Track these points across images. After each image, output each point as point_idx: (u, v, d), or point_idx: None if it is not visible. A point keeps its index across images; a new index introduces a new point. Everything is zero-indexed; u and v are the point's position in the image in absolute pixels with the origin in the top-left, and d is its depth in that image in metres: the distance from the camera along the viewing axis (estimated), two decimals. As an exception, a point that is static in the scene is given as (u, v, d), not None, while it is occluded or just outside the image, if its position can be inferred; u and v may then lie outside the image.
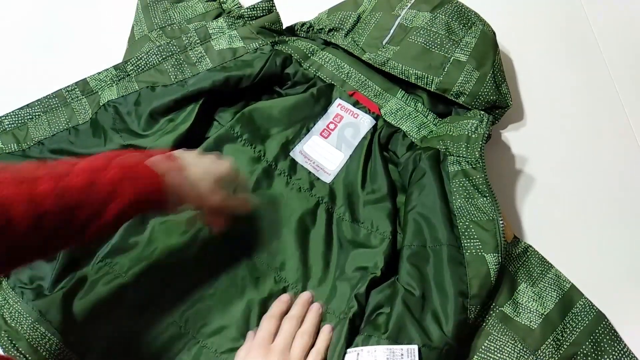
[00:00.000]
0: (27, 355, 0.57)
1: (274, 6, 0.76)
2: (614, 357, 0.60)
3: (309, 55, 0.75)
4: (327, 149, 0.70)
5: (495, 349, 0.59)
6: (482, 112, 0.68)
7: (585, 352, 0.60)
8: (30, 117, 0.68)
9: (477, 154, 0.63)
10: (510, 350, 0.59)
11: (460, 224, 0.61)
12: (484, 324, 0.60)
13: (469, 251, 0.59)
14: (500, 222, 0.60)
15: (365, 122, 0.71)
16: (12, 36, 0.83)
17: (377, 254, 0.63)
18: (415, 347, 0.53)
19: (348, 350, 0.56)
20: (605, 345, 0.61)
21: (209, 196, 0.56)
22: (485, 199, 0.61)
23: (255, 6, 0.75)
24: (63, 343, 0.57)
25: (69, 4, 0.86)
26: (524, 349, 0.59)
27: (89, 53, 0.82)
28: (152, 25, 0.79)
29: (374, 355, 0.54)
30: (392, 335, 0.55)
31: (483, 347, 0.59)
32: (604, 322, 0.62)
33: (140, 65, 0.71)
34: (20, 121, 0.67)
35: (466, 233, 0.60)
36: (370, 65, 0.75)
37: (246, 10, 0.75)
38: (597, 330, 0.61)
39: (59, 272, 0.61)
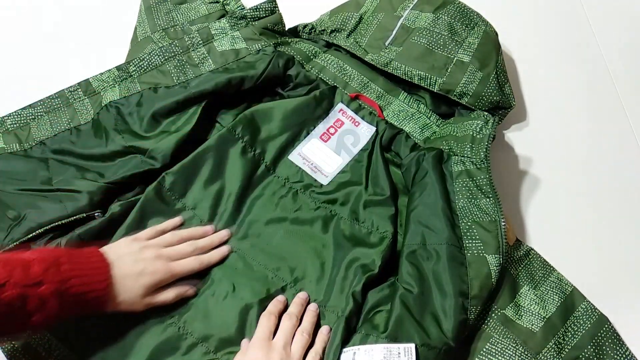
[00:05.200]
0: (27, 355, 0.57)
1: (277, 7, 0.76)
2: (617, 360, 0.60)
3: (311, 57, 0.75)
4: (326, 152, 0.70)
5: (497, 352, 0.58)
6: (486, 113, 0.67)
7: (587, 355, 0.59)
8: (33, 117, 0.68)
9: (483, 155, 0.63)
10: (511, 353, 0.58)
11: (463, 224, 0.60)
12: (485, 327, 0.60)
13: (470, 252, 0.59)
14: (503, 223, 0.59)
15: (365, 132, 0.71)
16: (14, 36, 0.84)
17: (375, 252, 0.63)
18: (412, 346, 0.53)
19: (345, 349, 0.55)
20: (608, 349, 0.60)
21: (137, 300, 0.56)
22: (488, 199, 0.61)
23: (258, 7, 0.75)
24: (62, 343, 0.57)
25: (72, 4, 0.87)
26: (526, 352, 0.58)
27: (91, 53, 0.82)
28: (155, 26, 0.79)
29: (371, 354, 0.53)
30: (391, 334, 0.54)
31: (484, 349, 0.59)
32: (606, 326, 0.61)
33: (142, 66, 0.71)
34: (22, 121, 0.67)
35: (468, 233, 0.60)
36: (373, 67, 0.74)
37: (249, 11, 0.75)
38: (599, 334, 0.61)
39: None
